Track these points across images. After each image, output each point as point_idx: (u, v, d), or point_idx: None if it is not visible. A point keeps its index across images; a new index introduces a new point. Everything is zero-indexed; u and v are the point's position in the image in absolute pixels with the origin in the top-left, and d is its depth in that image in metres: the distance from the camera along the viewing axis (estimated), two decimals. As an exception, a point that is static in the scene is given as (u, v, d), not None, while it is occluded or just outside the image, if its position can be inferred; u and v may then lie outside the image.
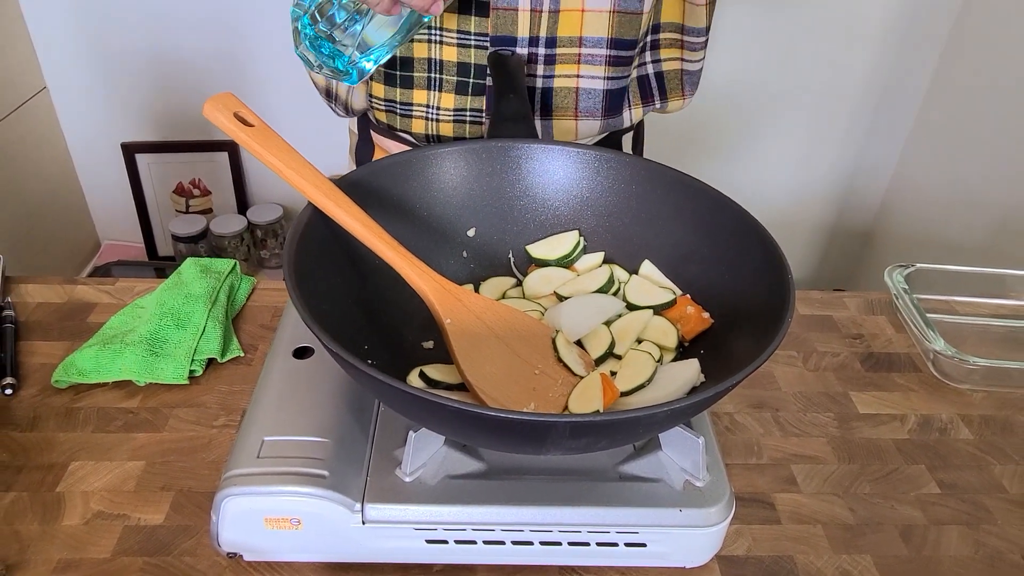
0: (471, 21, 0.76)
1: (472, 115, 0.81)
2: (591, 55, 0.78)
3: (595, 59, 0.79)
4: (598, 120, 0.82)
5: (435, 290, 0.55)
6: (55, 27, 1.58)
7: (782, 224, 1.91)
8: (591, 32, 0.77)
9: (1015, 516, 0.62)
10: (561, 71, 0.79)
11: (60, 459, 0.62)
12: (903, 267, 0.84)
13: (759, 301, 0.54)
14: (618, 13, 0.76)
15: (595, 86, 0.80)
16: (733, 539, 0.58)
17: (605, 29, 0.77)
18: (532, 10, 0.75)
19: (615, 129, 0.85)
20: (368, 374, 0.42)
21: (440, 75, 0.79)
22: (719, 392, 0.44)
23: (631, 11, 0.76)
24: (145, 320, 0.72)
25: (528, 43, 0.77)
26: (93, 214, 1.84)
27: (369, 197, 0.58)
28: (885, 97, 1.74)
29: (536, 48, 0.77)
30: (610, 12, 0.76)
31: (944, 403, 0.73)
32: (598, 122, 0.83)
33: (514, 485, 0.52)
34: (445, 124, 0.82)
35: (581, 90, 0.80)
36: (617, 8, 0.76)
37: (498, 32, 0.76)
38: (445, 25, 0.77)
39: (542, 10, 0.75)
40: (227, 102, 0.53)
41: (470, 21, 0.76)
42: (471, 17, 0.75)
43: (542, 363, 0.56)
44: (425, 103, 0.81)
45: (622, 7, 0.76)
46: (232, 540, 0.52)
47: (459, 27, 0.76)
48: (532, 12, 0.75)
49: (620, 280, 0.63)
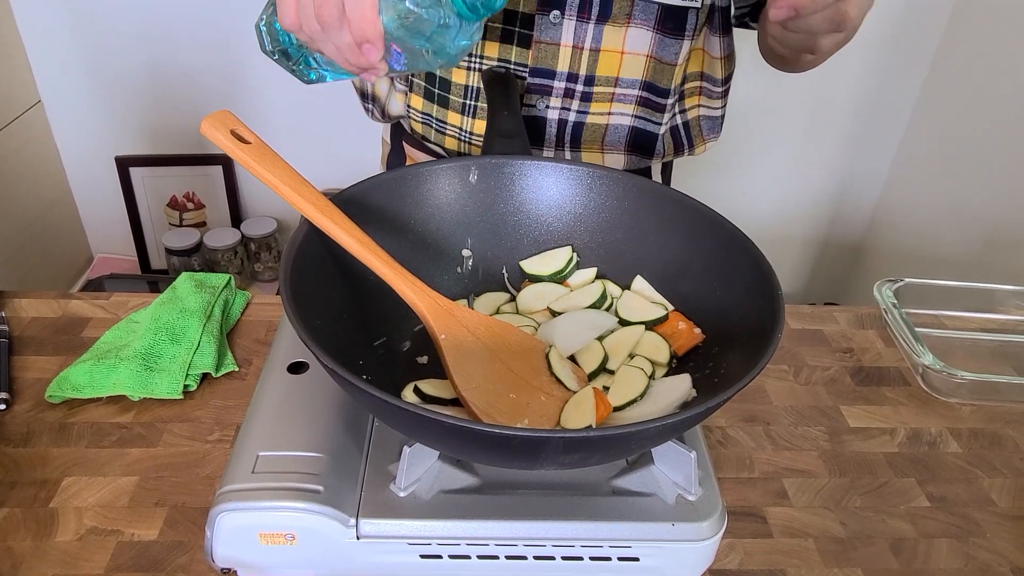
0: (512, 51, 0.77)
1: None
2: (624, 94, 0.80)
3: (627, 98, 0.80)
4: (622, 154, 0.84)
5: (429, 306, 0.55)
6: (50, 41, 1.59)
7: (773, 238, 1.93)
8: (627, 74, 0.78)
9: (1004, 529, 0.63)
10: (595, 108, 0.80)
11: (53, 475, 0.62)
12: (892, 282, 0.85)
13: (750, 317, 0.54)
14: (654, 59, 0.78)
15: (623, 122, 0.82)
16: (725, 553, 0.59)
17: (640, 72, 0.78)
18: (574, 47, 0.76)
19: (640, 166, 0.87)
20: (363, 389, 0.42)
21: (475, 102, 0.80)
22: (710, 407, 0.44)
23: (666, 61, 0.78)
24: (139, 335, 0.72)
25: (566, 78, 0.78)
26: (86, 227, 1.84)
27: (364, 213, 0.59)
28: (874, 112, 1.76)
29: (574, 84, 0.78)
30: (647, 56, 0.77)
31: (933, 417, 0.74)
32: (622, 156, 0.84)
33: (508, 500, 0.52)
34: (476, 148, 0.83)
35: (610, 126, 0.82)
36: (654, 55, 0.77)
37: (538, 64, 0.77)
38: (487, 53, 0.77)
39: (584, 48, 0.76)
40: (224, 120, 0.54)
41: (511, 51, 0.77)
42: (513, 47, 0.76)
43: (535, 378, 0.56)
44: (459, 126, 0.83)
45: (659, 55, 0.77)
46: (226, 556, 0.52)
47: (500, 55, 0.77)
48: (574, 49, 0.76)
49: (613, 296, 0.64)
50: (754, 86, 1.70)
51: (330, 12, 0.51)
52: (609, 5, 0.74)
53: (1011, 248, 1.43)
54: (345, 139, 1.75)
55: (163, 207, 1.81)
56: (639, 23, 0.75)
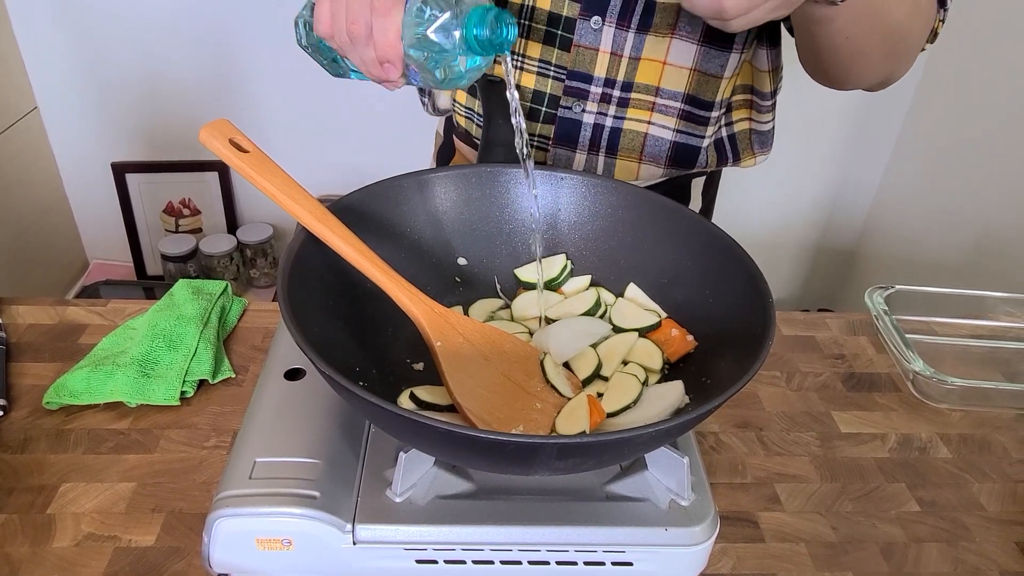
0: (553, 53, 0.77)
1: (539, 141, 0.83)
2: (665, 105, 0.79)
3: (669, 110, 0.79)
4: (661, 167, 0.83)
5: (425, 313, 0.56)
6: (46, 48, 1.59)
7: (767, 245, 1.94)
8: (669, 85, 0.78)
9: (993, 533, 0.63)
10: (633, 115, 0.80)
11: (51, 481, 0.62)
12: (883, 289, 0.86)
13: (741, 324, 0.55)
14: (698, 72, 0.77)
15: (664, 135, 0.81)
16: (718, 557, 0.59)
17: (683, 85, 0.78)
18: (612, 53, 0.76)
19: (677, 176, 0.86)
20: (359, 396, 0.43)
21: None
22: (702, 413, 0.45)
23: (711, 74, 0.77)
24: (137, 341, 0.73)
25: (603, 83, 0.78)
26: (82, 233, 1.84)
27: (361, 221, 0.59)
28: (866, 120, 1.78)
29: (611, 89, 0.78)
30: (691, 70, 0.77)
31: (923, 422, 0.75)
32: (660, 169, 0.84)
33: (503, 505, 0.52)
34: None
35: (649, 136, 0.81)
36: (698, 68, 0.77)
37: (576, 68, 0.77)
38: (529, 53, 0.78)
39: (623, 55, 0.76)
40: (223, 128, 0.54)
41: (552, 53, 0.77)
42: (554, 49, 0.77)
43: (530, 385, 0.57)
44: None
45: (703, 68, 0.77)
46: (223, 561, 0.52)
47: (541, 56, 0.78)
48: (612, 55, 0.76)
49: (606, 303, 0.65)
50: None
51: (359, 30, 0.56)
52: (651, 16, 0.73)
53: (1002, 255, 1.44)
54: (342, 148, 1.76)
55: (159, 213, 1.81)
56: (683, 35, 0.75)
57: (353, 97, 1.67)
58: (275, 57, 1.63)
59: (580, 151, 0.82)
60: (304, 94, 1.69)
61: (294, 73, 1.63)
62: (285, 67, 1.64)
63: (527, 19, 0.77)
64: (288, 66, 1.61)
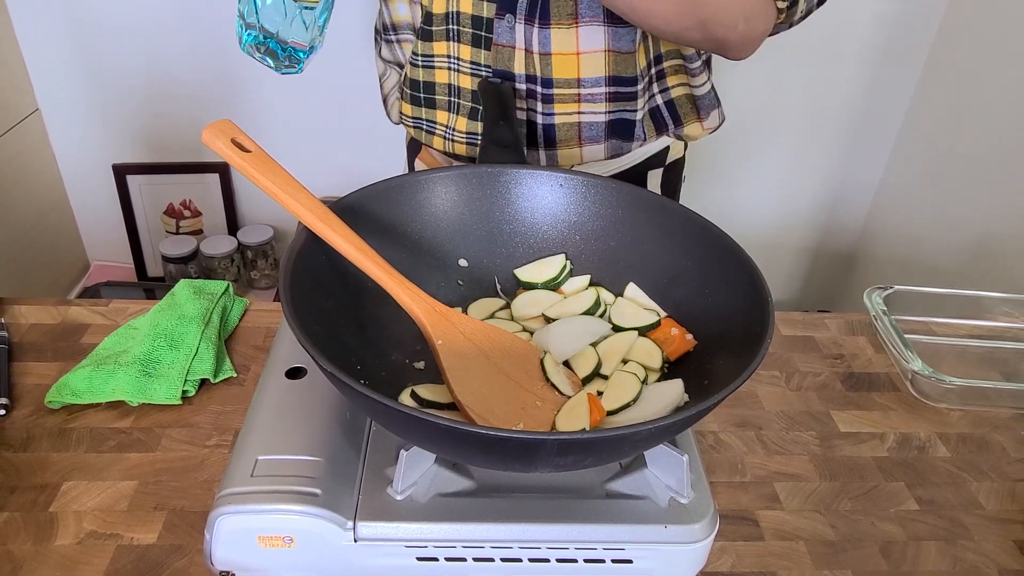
0: (480, 54, 0.80)
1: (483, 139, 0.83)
2: (591, 94, 0.81)
3: (595, 97, 0.81)
4: (601, 144, 0.85)
5: (426, 311, 0.56)
6: (48, 49, 1.60)
7: (766, 246, 1.94)
8: (588, 74, 0.79)
9: (991, 532, 0.64)
10: (561, 109, 0.81)
11: (53, 479, 0.62)
12: (882, 289, 0.86)
13: (740, 323, 0.55)
14: (612, 52, 0.78)
15: (597, 120, 0.83)
16: (718, 555, 0.60)
17: (602, 68, 0.79)
18: (526, 50, 0.78)
19: (623, 152, 0.87)
20: (361, 393, 0.43)
21: (458, 99, 0.84)
22: (701, 411, 0.45)
23: (625, 51, 0.79)
24: (138, 341, 0.73)
25: (525, 80, 0.80)
26: (83, 234, 1.85)
27: (362, 221, 0.60)
28: (866, 122, 1.78)
29: (534, 85, 0.80)
30: (605, 51, 0.78)
31: (922, 422, 0.75)
32: (601, 145, 0.85)
33: (503, 503, 0.53)
34: (459, 145, 0.86)
35: (583, 124, 0.83)
36: (611, 48, 0.78)
37: (497, 66, 0.79)
38: (461, 55, 0.81)
39: (534, 51, 0.78)
40: (225, 128, 0.55)
41: (480, 54, 0.80)
42: (480, 50, 0.79)
43: (530, 383, 0.57)
44: (445, 123, 0.86)
45: (615, 47, 0.78)
46: (225, 558, 0.52)
47: (471, 58, 0.80)
48: (526, 52, 0.78)
49: (606, 302, 0.65)
50: (747, 95, 1.72)
51: None
52: (547, 7, 0.76)
53: (1001, 256, 1.45)
54: (343, 148, 1.76)
55: (160, 215, 1.82)
56: (588, 20, 0.76)
57: (354, 99, 1.67)
58: (276, 59, 1.64)
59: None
60: (305, 96, 1.69)
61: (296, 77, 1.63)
62: (286, 69, 1.64)
63: (455, 24, 0.79)
64: (289, 68, 1.61)
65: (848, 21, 1.63)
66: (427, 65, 0.84)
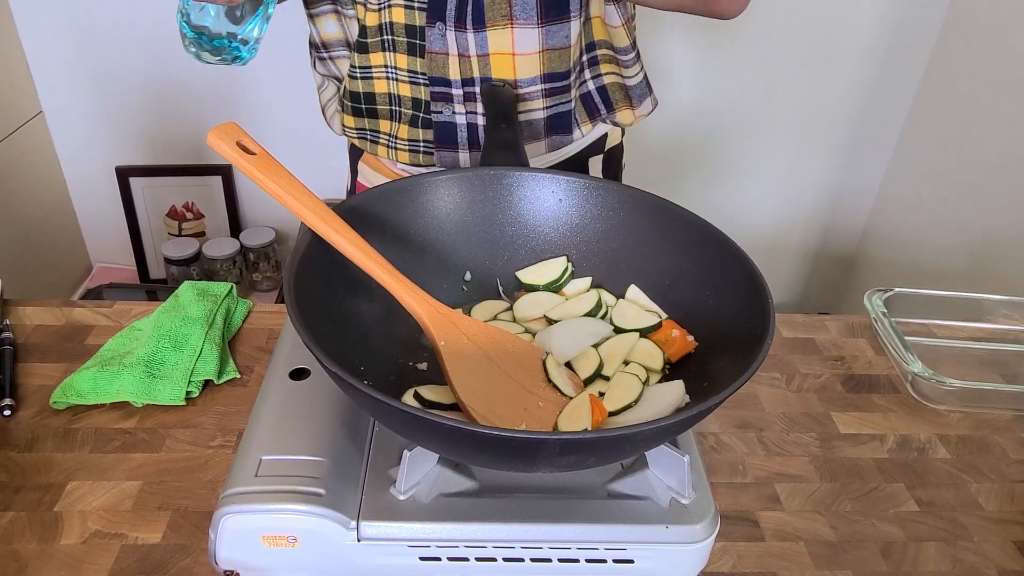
0: (416, 62, 0.81)
1: (425, 146, 0.86)
2: (527, 93, 0.82)
3: (532, 95, 0.83)
4: (542, 141, 0.86)
5: (429, 313, 0.57)
6: (51, 53, 1.60)
7: (767, 249, 1.95)
8: (524, 74, 0.81)
9: (991, 533, 0.64)
10: None
11: (58, 479, 0.63)
12: (882, 291, 0.86)
13: (741, 324, 0.56)
14: (547, 51, 0.80)
15: (535, 116, 0.84)
16: (719, 556, 0.60)
17: (537, 68, 0.81)
18: (460, 55, 0.79)
19: (563, 145, 0.89)
20: (365, 393, 0.44)
21: (399, 108, 0.85)
22: (702, 411, 0.46)
23: (559, 47, 0.80)
24: (143, 342, 0.73)
25: (462, 84, 0.81)
26: (86, 236, 1.85)
27: (366, 223, 0.60)
28: (866, 125, 1.78)
29: (472, 88, 0.81)
30: (539, 52, 0.80)
31: (922, 423, 0.75)
32: (542, 142, 0.87)
33: (506, 503, 0.53)
34: (402, 152, 0.88)
35: (523, 122, 0.84)
36: (546, 47, 0.79)
37: (433, 73, 0.81)
38: (398, 64, 0.82)
39: (470, 55, 0.79)
40: (230, 131, 0.55)
41: (416, 62, 0.81)
42: (416, 58, 0.81)
43: (532, 384, 0.58)
44: (388, 132, 0.88)
45: (550, 44, 0.79)
46: (229, 558, 0.53)
47: (408, 67, 0.82)
48: (461, 57, 0.79)
49: (607, 304, 0.65)
50: (747, 98, 1.73)
51: None
52: (481, 11, 0.76)
53: (1001, 258, 1.45)
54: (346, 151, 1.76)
55: (162, 217, 1.82)
56: (522, 22, 0.77)
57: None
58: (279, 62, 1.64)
59: (462, 150, 0.85)
60: (308, 100, 1.69)
61: (298, 78, 1.63)
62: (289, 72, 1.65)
63: (389, 34, 0.80)
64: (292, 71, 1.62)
65: (849, 24, 1.64)
66: (366, 77, 0.86)
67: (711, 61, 1.67)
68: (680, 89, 1.71)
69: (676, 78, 1.69)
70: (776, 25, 1.62)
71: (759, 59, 1.68)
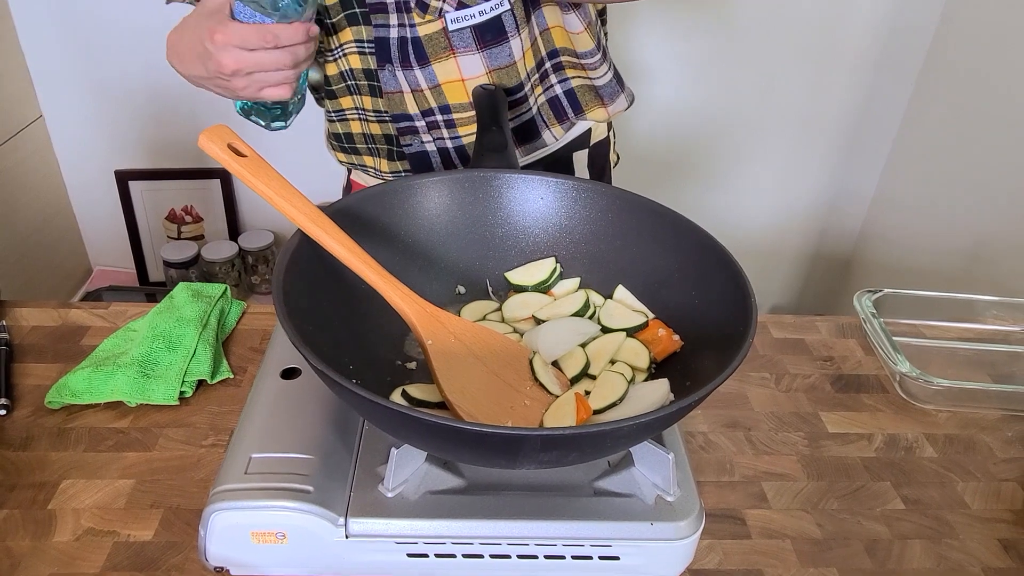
0: (379, 102, 0.85)
1: (406, 174, 0.90)
2: None
3: None
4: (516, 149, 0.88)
5: (417, 312, 0.57)
6: (51, 57, 1.62)
7: (764, 252, 1.95)
8: None
9: (976, 531, 0.64)
10: (465, 131, 0.86)
11: (52, 477, 0.63)
12: (871, 292, 0.87)
13: (725, 325, 0.56)
14: (493, 72, 0.82)
15: None
16: (705, 553, 0.61)
17: None
18: (413, 91, 0.82)
19: (538, 150, 0.91)
20: (353, 392, 0.44)
21: (376, 145, 0.90)
22: (683, 408, 0.46)
23: (505, 65, 0.82)
24: (137, 343, 0.74)
25: (422, 116, 0.84)
26: (85, 240, 1.86)
27: (356, 224, 0.61)
28: (862, 128, 1.79)
29: (434, 116, 0.84)
30: (486, 74, 0.82)
31: (910, 423, 0.76)
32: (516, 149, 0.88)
33: (492, 500, 0.54)
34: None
35: None
36: (491, 69, 0.82)
37: (393, 111, 0.84)
38: (365, 106, 0.87)
39: (423, 88, 0.82)
40: (221, 133, 0.56)
41: (379, 102, 0.85)
42: (378, 99, 0.85)
43: (519, 383, 0.58)
44: (372, 166, 0.93)
45: (495, 65, 0.81)
46: (219, 554, 0.53)
47: (373, 107, 0.86)
48: (414, 92, 0.82)
49: (595, 304, 0.66)
50: (744, 101, 1.73)
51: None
52: (422, 50, 0.79)
53: (996, 260, 1.45)
54: (341, 153, 1.77)
55: (162, 220, 1.83)
56: (462, 50, 0.80)
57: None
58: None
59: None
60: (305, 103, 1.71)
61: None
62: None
63: (351, 79, 0.84)
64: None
65: (845, 28, 1.65)
66: (341, 119, 0.91)
67: (707, 64, 1.68)
68: (676, 92, 1.72)
69: (672, 81, 1.70)
70: (772, 29, 1.63)
71: (755, 63, 1.69)
